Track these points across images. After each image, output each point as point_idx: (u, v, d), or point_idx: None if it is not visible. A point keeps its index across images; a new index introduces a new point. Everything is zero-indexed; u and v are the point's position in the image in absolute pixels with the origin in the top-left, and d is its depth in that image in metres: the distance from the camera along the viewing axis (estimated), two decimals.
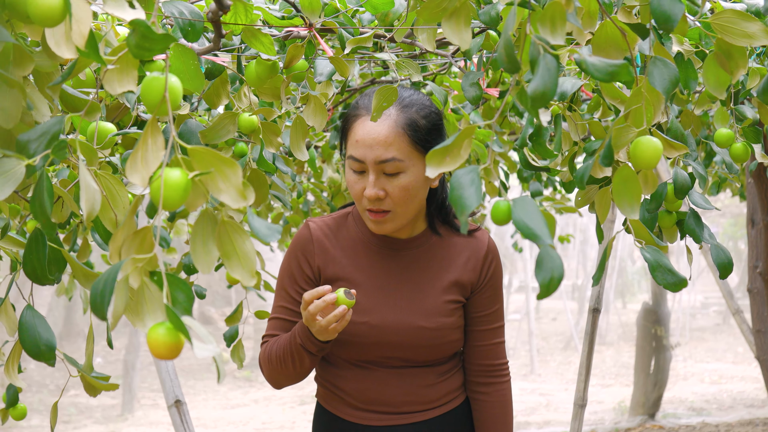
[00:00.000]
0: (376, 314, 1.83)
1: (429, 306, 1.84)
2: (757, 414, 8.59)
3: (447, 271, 1.87)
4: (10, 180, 0.93)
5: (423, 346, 1.85)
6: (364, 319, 1.83)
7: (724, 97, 1.32)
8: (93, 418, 10.63)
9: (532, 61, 0.88)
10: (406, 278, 1.86)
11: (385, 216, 1.75)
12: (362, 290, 1.84)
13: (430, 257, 1.88)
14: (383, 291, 1.85)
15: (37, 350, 1.24)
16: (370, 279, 1.85)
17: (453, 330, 1.87)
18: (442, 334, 1.85)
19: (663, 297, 8.47)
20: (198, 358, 0.83)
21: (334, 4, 1.65)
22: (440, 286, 1.86)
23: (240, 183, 0.83)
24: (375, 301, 1.84)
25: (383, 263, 1.86)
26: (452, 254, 1.88)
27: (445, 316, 1.85)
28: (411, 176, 1.72)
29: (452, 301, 1.86)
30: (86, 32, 0.93)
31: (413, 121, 1.71)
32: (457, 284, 1.87)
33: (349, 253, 1.86)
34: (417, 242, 1.87)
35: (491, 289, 1.91)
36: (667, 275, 1.23)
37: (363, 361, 1.87)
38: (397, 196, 1.72)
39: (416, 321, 1.83)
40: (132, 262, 0.83)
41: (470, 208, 0.87)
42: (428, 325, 1.84)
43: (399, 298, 1.85)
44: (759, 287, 4.36)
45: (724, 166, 1.89)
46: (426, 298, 1.85)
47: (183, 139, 1.66)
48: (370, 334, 1.83)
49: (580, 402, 3.86)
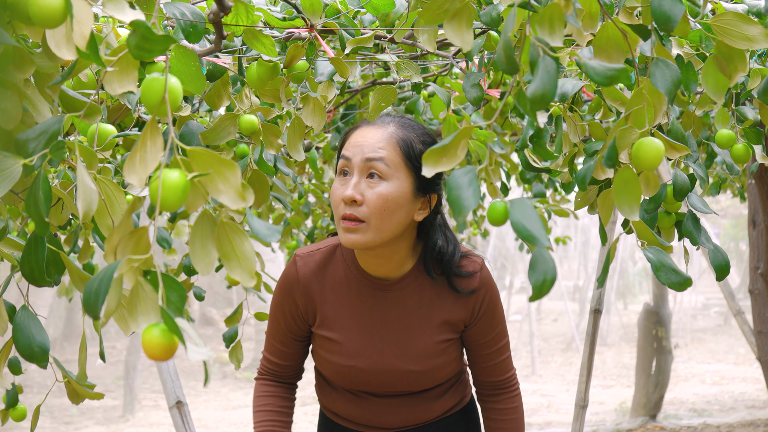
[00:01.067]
0: (364, 358, 1.80)
1: (418, 349, 1.80)
2: (758, 415, 8.58)
3: (437, 310, 1.81)
4: (6, 179, 0.93)
5: (415, 384, 1.84)
6: (351, 362, 1.81)
7: (723, 100, 1.32)
8: (94, 419, 10.63)
9: (532, 62, 0.88)
10: (395, 320, 1.81)
11: (358, 225, 1.67)
12: (349, 332, 1.81)
13: (419, 297, 1.81)
14: (370, 333, 1.81)
15: (30, 352, 1.24)
16: (357, 320, 1.81)
17: (445, 366, 1.85)
18: (432, 374, 1.83)
19: (664, 298, 8.47)
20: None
21: (336, 5, 1.65)
22: (430, 327, 1.81)
23: (239, 184, 0.83)
24: (362, 344, 1.81)
25: (371, 304, 1.81)
26: (442, 293, 1.82)
27: (436, 357, 1.82)
28: (392, 188, 1.66)
29: (444, 341, 1.82)
30: (87, 33, 0.93)
31: (410, 140, 1.69)
32: (447, 323, 1.81)
33: (336, 292, 1.82)
34: (405, 282, 1.81)
35: (487, 318, 1.85)
36: (671, 275, 1.22)
37: (357, 391, 1.88)
38: (374, 204, 1.65)
39: (404, 365, 1.81)
40: (127, 262, 0.83)
41: (468, 209, 0.87)
42: (417, 368, 1.81)
43: (387, 341, 1.81)
44: (760, 288, 4.35)
45: (724, 166, 1.88)
46: (415, 340, 1.81)
47: (184, 141, 1.66)
48: (358, 376, 1.82)
49: (582, 403, 3.86)
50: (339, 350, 1.82)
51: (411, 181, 1.69)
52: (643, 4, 1.19)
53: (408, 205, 1.69)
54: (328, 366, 1.85)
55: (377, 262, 1.77)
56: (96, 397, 1.49)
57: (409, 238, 1.77)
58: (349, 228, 1.67)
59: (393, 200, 1.66)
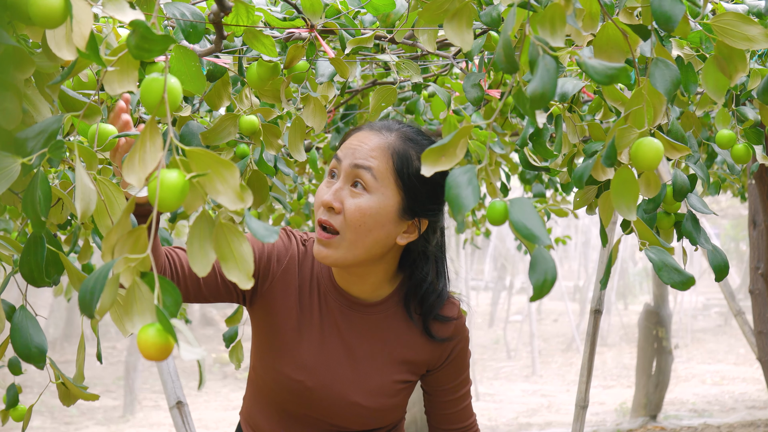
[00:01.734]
0: (315, 377, 1.64)
1: (373, 383, 1.66)
2: (758, 415, 8.58)
3: (403, 348, 1.67)
4: (4, 178, 0.93)
5: (356, 422, 1.69)
6: (300, 377, 1.65)
7: (723, 101, 1.32)
8: (94, 420, 10.63)
9: (531, 61, 0.88)
10: (356, 345, 1.66)
11: (331, 239, 1.54)
12: (307, 342, 1.65)
13: (386, 327, 1.67)
14: (328, 351, 1.65)
15: (28, 352, 1.24)
16: (318, 333, 1.66)
17: (394, 409, 1.70)
18: (380, 414, 1.68)
19: (664, 298, 8.47)
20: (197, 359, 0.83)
21: (336, 6, 1.65)
22: (391, 363, 1.67)
23: (238, 185, 0.83)
24: (319, 361, 1.65)
25: (337, 320, 1.66)
26: (413, 331, 1.67)
27: (389, 397, 1.67)
28: (373, 202, 1.53)
29: (401, 381, 1.68)
30: (87, 34, 0.93)
31: (407, 155, 1.56)
32: (410, 364, 1.68)
33: (305, 292, 1.67)
34: (377, 309, 1.66)
35: (454, 365, 1.73)
36: (674, 274, 1.22)
37: (290, 413, 1.71)
38: (350, 215, 1.52)
39: (354, 397, 1.65)
40: (124, 261, 0.83)
41: (467, 208, 0.87)
42: (367, 404, 1.66)
43: (345, 365, 1.65)
44: (761, 288, 4.35)
45: (725, 166, 1.89)
46: (372, 373, 1.66)
47: (184, 141, 1.66)
48: (302, 394, 1.66)
49: (582, 403, 3.86)
50: (292, 359, 1.65)
51: (398, 201, 1.55)
52: (644, 4, 1.19)
53: (390, 225, 1.55)
54: (274, 376, 1.68)
55: (350, 279, 1.64)
56: (91, 398, 1.48)
57: (390, 263, 1.64)
58: (321, 240, 1.55)
59: (371, 216, 1.53)
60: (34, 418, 10.22)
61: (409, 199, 1.56)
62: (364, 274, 1.63)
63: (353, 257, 1.55)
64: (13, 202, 1.42)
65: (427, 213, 1.60)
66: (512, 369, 14.46)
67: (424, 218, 1.60)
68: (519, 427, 9.67)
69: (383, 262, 1.62)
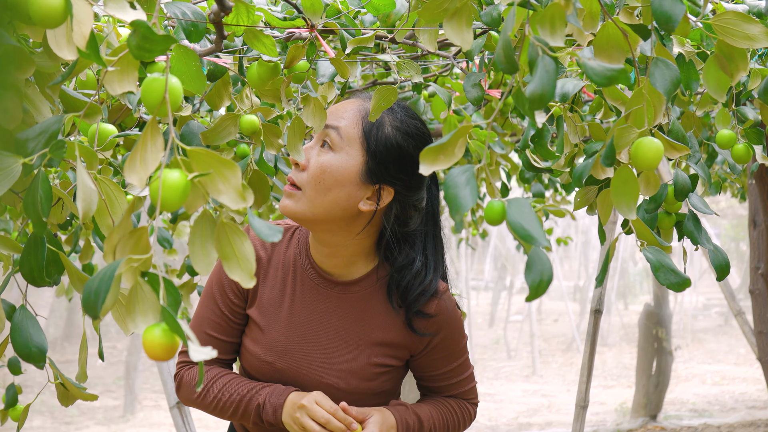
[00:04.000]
0: (286, 358, 1.62)
1: (345, 364, 1.61)
2: (758, 415, 8.57)
3: (380, 330, 1.63)
4: (5, 178, 0.93)
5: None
6: (270, 358, 1.63)
7: (725, 99, 1.32)
8: (95, 419, 10.63)
9: (531, 62, 0.88)
10: (330, 324, 1.63)
11: (294, 192, 1.54)
12: (278, 323, 1.63)
13: (363, 308, 1.63)
14: (301, 332, 1.63)
15: (28, 352, 1.24)
16: (289, 313, 1.63)
17: (371, 396, 1.64)
18: (354, 398, 1.62)
19: (665, 298, 8.47)
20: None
21: (336, 6, 1.65)
22: (366, 345, 1.62)
23: (239, 184, 0.83)
24: (288, 342, 1.62)
25: (310, 299, 1.64)
26: (391, 313, 1.63)
27: (364, 380, 1.62)
28: (335, 160, 1.52)
29: (378, 365, 1.62)
30: (87, 33, 0.93)
31: (380, 120, 1.55)
32: (386, 345, 1.62)
33: (279, 274, 1.66)
34: (354, 288, 1.63)
35: (442, 351, 1.66)
36: (670, 275, 1.22)
37: None
38: (311, 172, 1.52)
39: (326, 377, 1.61)
40: (127, 262, 0.83)
41: (465, 208, 0.87)
42: (339, 385, 1.61)
43: (315, 345, 1.62)
44: (761, 288, 4.35)
45: (725, 166, 1.89)
46: (345, 354, 1.62)
47: (185, 141, 1.66)
48: (273, 376, 1.63)
49: (582, 403, 3.86)
50: (263, 340, 1.64)
51: (361, 162, 1.54)
52: (644, 3, 1.19)
53: (350, 186, 1.53)
54: (248, 358, 1.66)
55: (324, 251, 1.62)
56: (90, 398, 1.48)
57: (363, 238, 1.60)
58: (285, 192, 1.56)
59: (331, 174, 1.52)
60: (35, 418, 10.22)
61: (372, 162, 1.54)
62: (335, 245, 1.60)
63: (311, 214, 1.54)
64: (13, 202, 1.42)
65: (392, 181, 1.56)
66: (512, 369, 14.46)
67: (388, 186, 1.56)
68: (519, 427, 9.67)
69: (349, 231, 1.58)
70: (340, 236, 1.59)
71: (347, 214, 1.55)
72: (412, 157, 1.57)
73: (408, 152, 1.56)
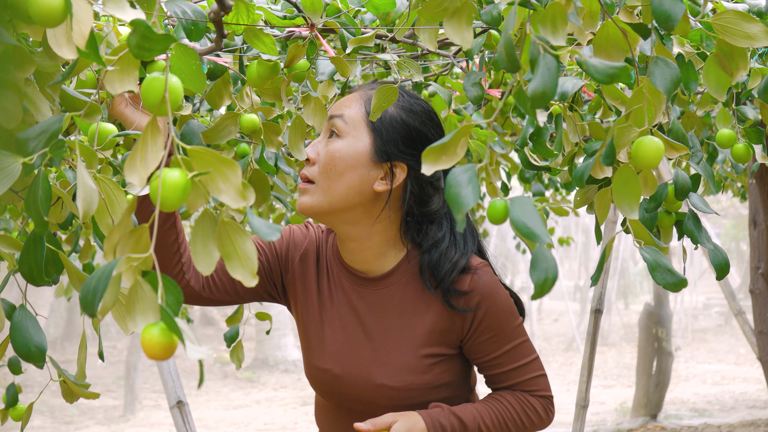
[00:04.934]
0: (340, 363, 1.59)
1: (396, 362, 1.56)
2: (759, 415, 8.58)
3: (422, 316, 1.57)
4: (6, 177, 0.93)
5: (391, 406, 1.57)
6: (327, 365, 1.60)
7: (725, 98, 1.32)
8: (95, 419, 10.64)
9: (532, 61, 0.88)
10: (373, 323, 1.59)
11: (308, 186, 1.53)
12: (329, 329, 1.61)
13: (401, 299, 1.59)
14: (348, 335, 1.60)
15: (27, 351, 1.24)
16: (337, 317, 1.62)
17: (431, 390, 1.58)
18: (412, 395, 1.56)
19: (665, 298, 8.47)
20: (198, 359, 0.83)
21: (336, 5, 1.65)
22: (413, 337, 1.57)
23: (240, 183, 0.83)
24: (340, 347, 1.60)
25: (351, 300, 1.61)
26: (428, 295, 1.58)
27: (418, 374, 1.56)
28: (343, 145, 1.52)
29: (429, 355, 1.57)
30: (87, 32, 0.93)
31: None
32: (433, 333, 1.56)
33: (323, 278, 1.65)
34: (388, 281, 1.59)
35: (489, 332, 1.57)
36: (667, 275, 1.22)
37: (337, 411, 1.66)
38: (322, 161, 1.52)
39: (379, 378, 1.56)
40: (126, 261, 0.83)
41: (467, 207, 0.87)
42: (393, 384, 1.56)
43: (362, 347, 1.59)
44: (761, 288, 4.35)
45: (725, 165, 1.88)
46: (392, 350, 1.57)
47: (185, 140, 1.66)
48: (334, 384, 1.61)
49: (582, 403, 3.86)
50: (318, 348, 1.62)
51: (369, 142, 1.53)
52: (644, 3, 1.19)
53: (362, 168, 1.52)
54: (309, 371, 1.65)
55: (352, 247, 1.59)
56: (91, 397, 1.48)
57: (384, 224, 1.57)
58: (299, 189, 1.55)
59: (341, 158, 1.51)
60: (35, 418, 10.23)
61: (380, 140, 1.53)
62: (359, 237, 1.58)
63: (329, 204, 1.52)
64: (13, 201, 1.42)
65: (402, 157, 1.54)
66: None
67: (400, 162, 1.54)
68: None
69: (374, 219, 1.56)
70: (363, 225, 1.56)
71: (364, 198, 1.53)
72: (420, 131, 1.56)
73: (414, 127, 1.56)
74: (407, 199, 1.56)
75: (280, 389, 12.38)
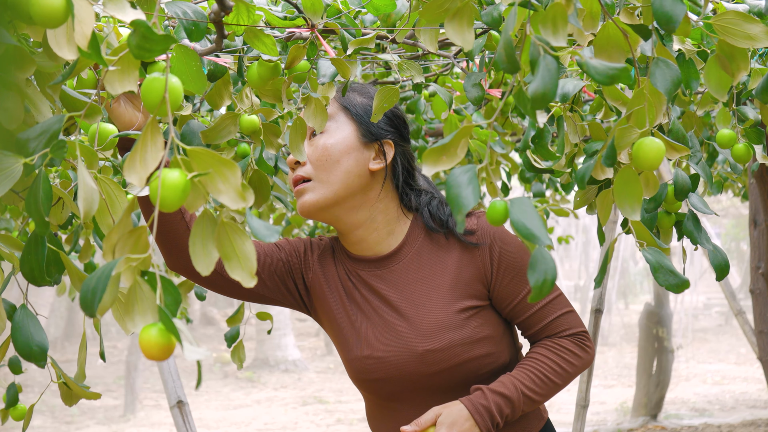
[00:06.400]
0: (379, 344, 1.61)
1: (431, 323, 1.59)
2: (759, 415, 8.57)
3: (443, 274, 1.61)
4: (7, 178, 0.93)
5: (439, 373, 1.59)
6: (367, 351, 1.62)
7: (726, 98, 1.31)
8: (95, 419, 10.64)
9: (532, 61, 0.88)
10: (399, 297, 1.62)
11: (305, 185, 1.59)
12: (361, 321, 1.64)
13: (420, 264, 1.63)
14: (379, 316, 1.63)
15: (29, 351, 1.24)
16: (364, 304, 1.65)
17: (472, 345, 1.59)
18: (455, 353, 1.58)
19: (665, 298, 8.47)
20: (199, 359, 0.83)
21: (337, 5, 1.65)
22: (440, 296, 1.60)
23: (239, 184, 0.83)
24: (373, 330, 1.63)
25: (371, 285, 1.65)
26: (443, 255, 1.63)
27: (455, 330, 1.58)
28: (330, 136, 1.60)
29: (463, 310, 1.59)
30: (88, 33, 0.93)
31: (348, 96, 1.65)
32: (461, 285, 1.60)
33: (344, 278, 1.68)
34: (402, 254, 1.65)
35: (510, 273, 1.61)
36: (669, 276, 1.22)
37: (385, 400, 1.67)
38: (314, 156, 1.58)
39: (418, 345, 1.59)
40: (125, 261, 0.83)
41: (467, 208, 0.87)
42: (434, 346, 1.58)
43: (396, 322, 1.61)
44: (761, 288, 4.35)
45: (726, 165, 1.88)
46: (425, 315, 1.60)
47: (185, 140, 1.67)
48: (379, 369, 1.62)
49: (583, 403, 3.86)
50: (355, 340, 1.64)
51: (353, 127, 1.62)
52: (644, 3, 1.19)
53: (354, 152, 1.60)
54: (351, 371, 1.67)
55: (360, 234, 1.65)
56: (93, 397, 1.48)
57: (384, 202, 1.64)
58: (298, 192, 1.60)
59: (333, 146, 1.59)
60: (35, 418, 10.23)
61: (363, 123, 1.63)
62: (364, 222, 1.64)
63: (333, 193, 1.59)
64: (14, 201, 1.42)
65: (387, 133, 1.65)
66: None
67: (386, 139, 1.64)
68: None
69: (374, 200, 1.63)
70: (365, 209, 1.63)
71: (363, 180, 1.61)
72: (392, 112, 1.67)
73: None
74: (401, 172, 1.66)
75: (280, 389, 12.38)
